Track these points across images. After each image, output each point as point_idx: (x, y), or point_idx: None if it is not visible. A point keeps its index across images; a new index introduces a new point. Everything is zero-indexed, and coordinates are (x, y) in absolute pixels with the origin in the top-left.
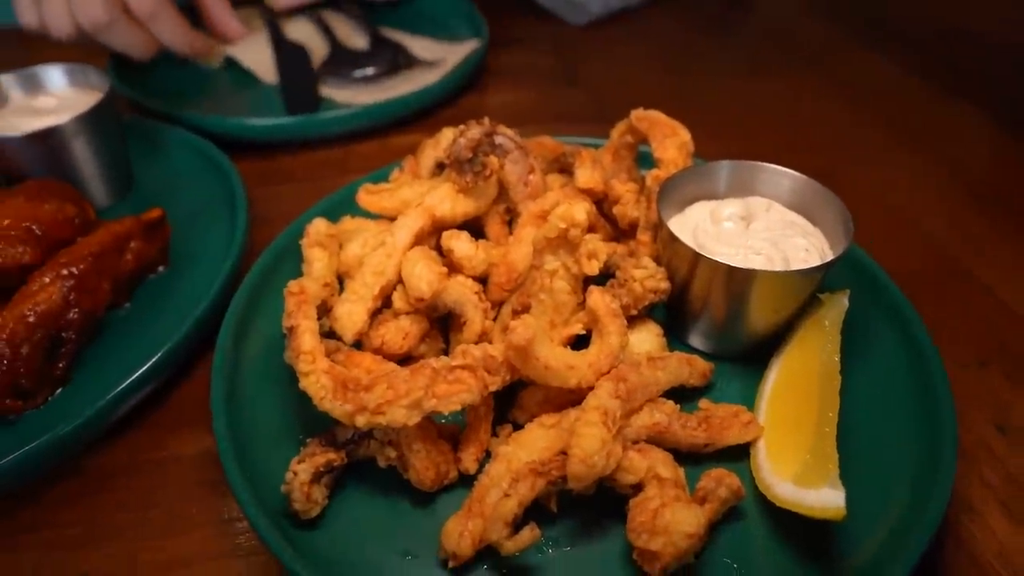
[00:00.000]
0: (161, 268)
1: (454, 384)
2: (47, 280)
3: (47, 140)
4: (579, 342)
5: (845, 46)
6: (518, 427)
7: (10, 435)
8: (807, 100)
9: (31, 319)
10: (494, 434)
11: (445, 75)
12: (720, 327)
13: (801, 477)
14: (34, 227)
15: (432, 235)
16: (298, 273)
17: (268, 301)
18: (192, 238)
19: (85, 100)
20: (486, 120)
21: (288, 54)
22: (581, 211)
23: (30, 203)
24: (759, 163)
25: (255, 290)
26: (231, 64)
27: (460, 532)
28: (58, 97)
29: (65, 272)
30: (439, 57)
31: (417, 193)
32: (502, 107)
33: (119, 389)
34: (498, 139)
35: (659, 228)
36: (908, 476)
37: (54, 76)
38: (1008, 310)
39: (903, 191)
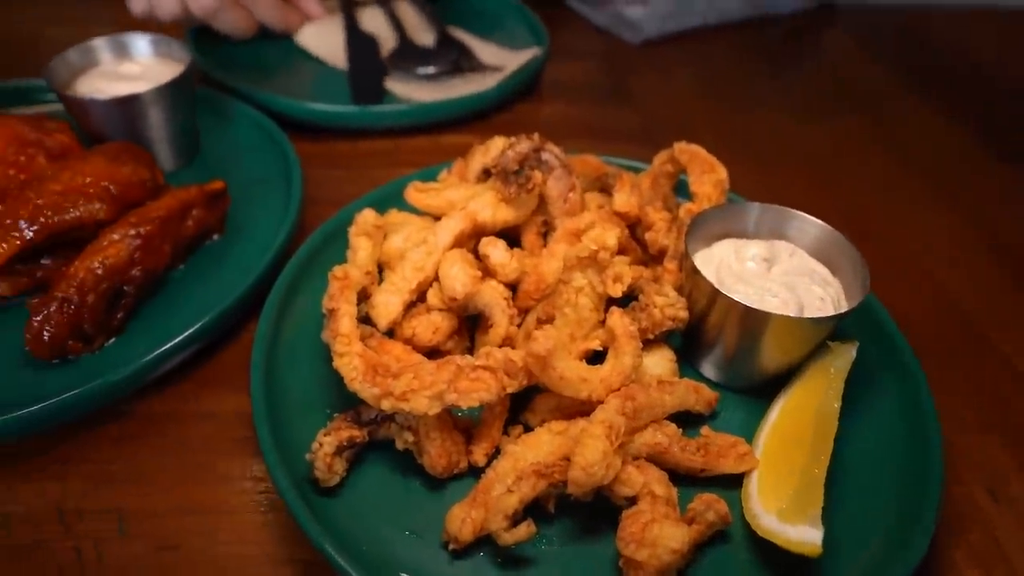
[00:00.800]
0: (216, 236)
1: (475, 382)
2: (116, 237)
3: (128, 105)
4: (595, 357)
5: (894, 92)
6: (528, 429)
7: (68, 374)
8: (850, 142)
9: (99, 271)
10: (505, 432)
11: (502, 81)
12: (730, 360)
13: (785, 512)
14: (111, 187)
15: (471, 238)
16: (342, 256)
17: (312, 280)
18: (246, 209)
19: (166, 71)
20: (536, 136)
21: (359, 44)
22: (612, 237)
23: (109, 164)
24: (789, 209)
25: (301, 268)
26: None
27: (463, 518)
28: (142, 65)
29: (133, 232)
30: (499, 63)
31: (462, 196)
32: (553, 118)
33: (167, 347)
34: (545, 155)
35: (685, 259)
36: (890, 528)
37: (141, 45)
38: (1019, 378)
39: (930, 245)
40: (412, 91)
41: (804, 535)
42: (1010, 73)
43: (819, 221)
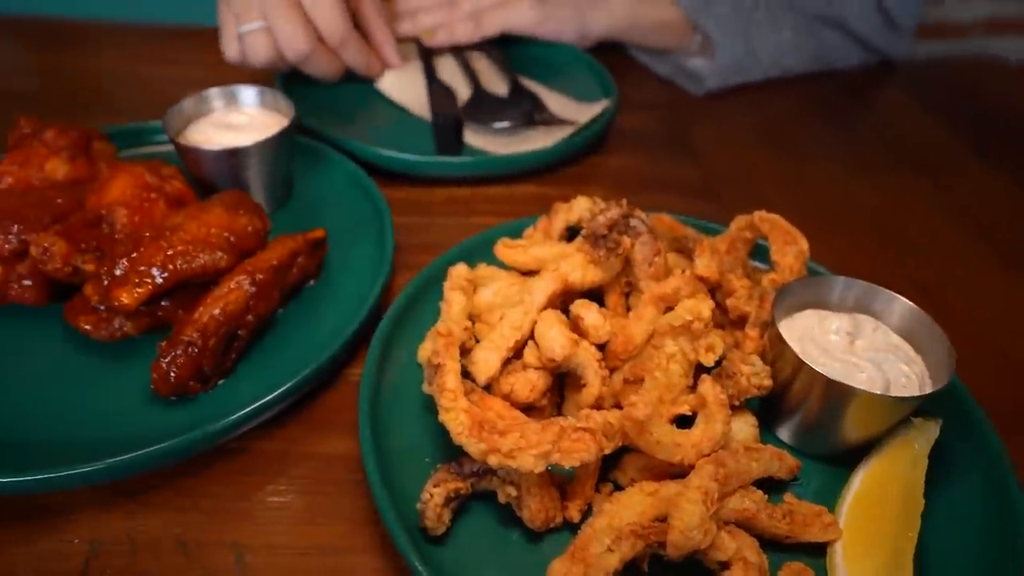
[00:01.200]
0: (313, 280)
1: (577, 443)
2: (235, 284)
3: (235, 156)
4: (680, 420)
5: (953, 151)
6: (617, 487)
7: (185, 412)
8: (912, 204)
9: (220, 317)
10: (596, 490)
11: (574, 133)
12: (811, 430)
13: None
14: (231, 237)
15: (561, 296)
16: (433, 305)
17: (406, 329)
18: (338, 254)
19: (271, 122)
20: (624, 202)
21: (439, 95)
22: (707, 308)
23: (228, 215)
24: (873, 285)
25: (398, 318)
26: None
27: (564, 573)
28: (249, 115)
29: (249, 280)
30: (568, 114)
31: (549, 253)
32: (620, 170)
33: (281, 390)
34: (633, 221)
35: (769, 327)
36: None
37: (248, 95)
38: None
39: (1004, 317)
40: (487, 142)
41: None
42: None
43: (902, 298)
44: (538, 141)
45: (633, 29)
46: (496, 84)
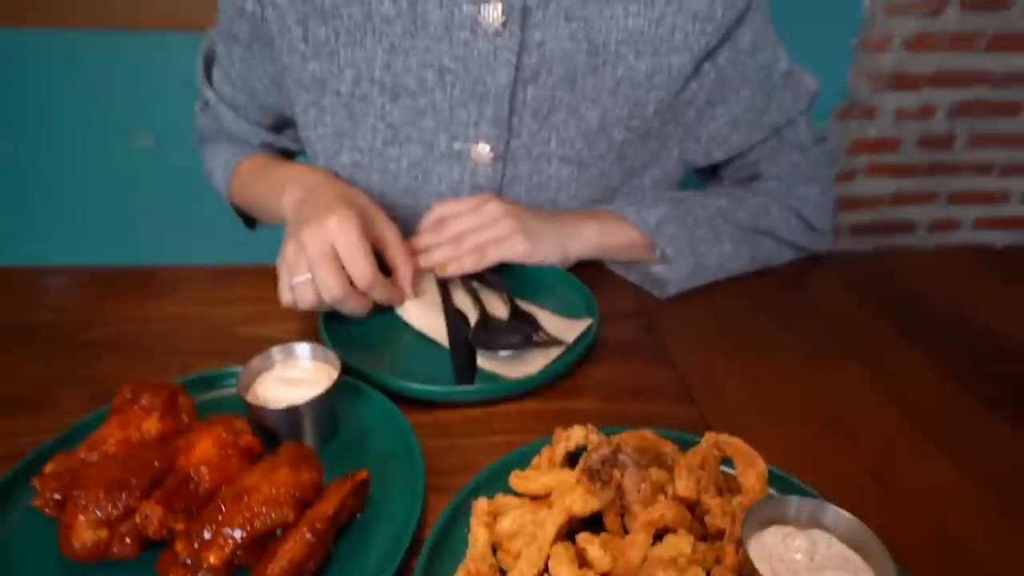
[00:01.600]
0: (359, 515)
1: None
2: (299, 537)
3: (293, 413)
4: None
5: (885, 339)
6: None
7: None
8: (856, 392)
9: (288, 567)
10: None
11: (567, 349)
12: None
13: None
14: (296, 492)
15: (568, 526)
16: (462, 532)
17: (445, 555)
18: (377, 485)
19: (322, 375)
20: (613, 440)
21: (455, 325)
22: (688, 545)
23: (292, 472)
24: (823, 502)
25: (434, 547)
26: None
27: None
28: (303, 369)
29: (311, 532)
30: (561, 333)
31: (554, 480)
32: (609, 380)
33: None
34: (620, 456)
35: (740, 546)
36: None
37: (303, 351)
38: None
39: (945, 502)
40: (496, 365)
41: None
42: (980, 313)
43: (846, 513)
44: (537, 360)
45: (604, 250)
46: (498, 307)
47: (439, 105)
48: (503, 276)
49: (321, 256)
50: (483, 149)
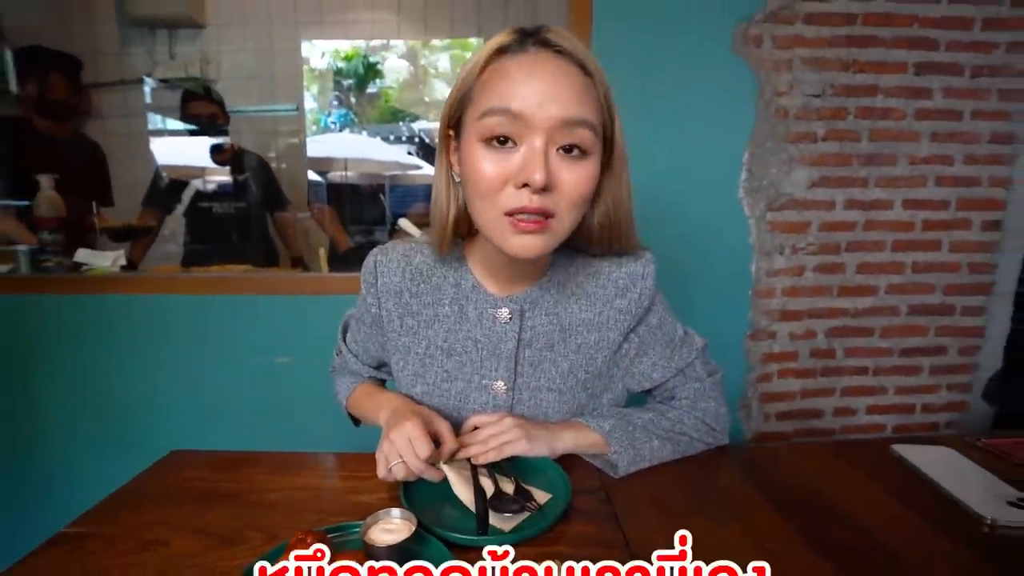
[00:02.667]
0: None
1: None
2: None
3: (390, 549)
4: None
5: (787, 535)
6: None
7: None
8: (733, 537)
9: None
10: None
11: (551, 515)
12: None
13: None
14: None
15: None
16: None
17: None
18: None
19: (403, 526)
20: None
21: (479, 496)
22: None
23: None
24: None
25: None
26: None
27: None
28: (396, 524)
29: None
30: (544, 499)
31: None
32: (580, 536)
33: None
34: None
35: None
36: None
37: (396, 512)
38: None
39: None
40: (502, 522)
41: None
42: (824, 489)
43: None
44: (532, 521)
45: (578, 447)
46: (507, 485)
47: (474, 360)
48: (513, 465)
49: (404, 446)
50: (500, 385)
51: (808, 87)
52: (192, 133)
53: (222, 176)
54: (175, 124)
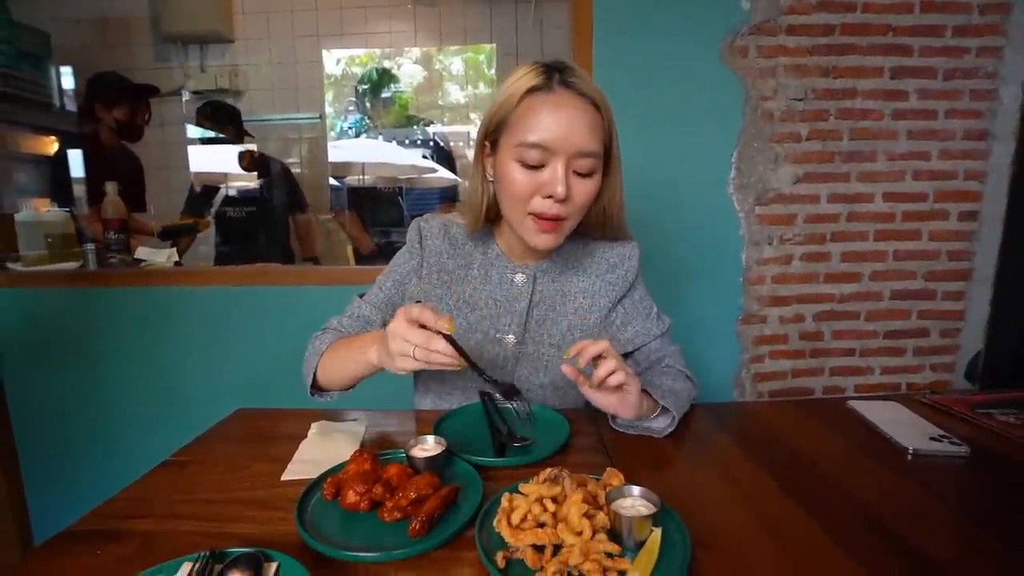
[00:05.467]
0: (456, 501)
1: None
2: (433, 501)
3: (429, 460)
4: None
5: (771, 491)
6: None
7: (419, 541)
8: (704, 470)
9: (429, 511)
10: None
11: (553, 445)
12: (627, 538)
13: None
14: (431, 483)
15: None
16: (493, 511)
17: (488, 517)
18: (462, 491)
19: (438, 447)
20: (560, 469)
21: (496, 429)
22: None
23: (430, 479)
24: (636, 487)
25: (484, 514)
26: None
27: None
28: (431, 445)
29: (438, 499)
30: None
31: (537, 486)
32: (574, 461)
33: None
34: (563, 475)
35: (607, 505)
36: None
37: (430, 439)
38: None
39: (752, 553)
40: (516, 451)
41: None
42: (794, 440)
43: (644, 488)
44: (536, 449)
45: (644, 409)
46: (522, 420)
47: (492, 315)
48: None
49: (405, 327)
50: (511, 339)
51: (791, 91)
52: (217, 141)
53: (246, 181)
54: (203, 132)
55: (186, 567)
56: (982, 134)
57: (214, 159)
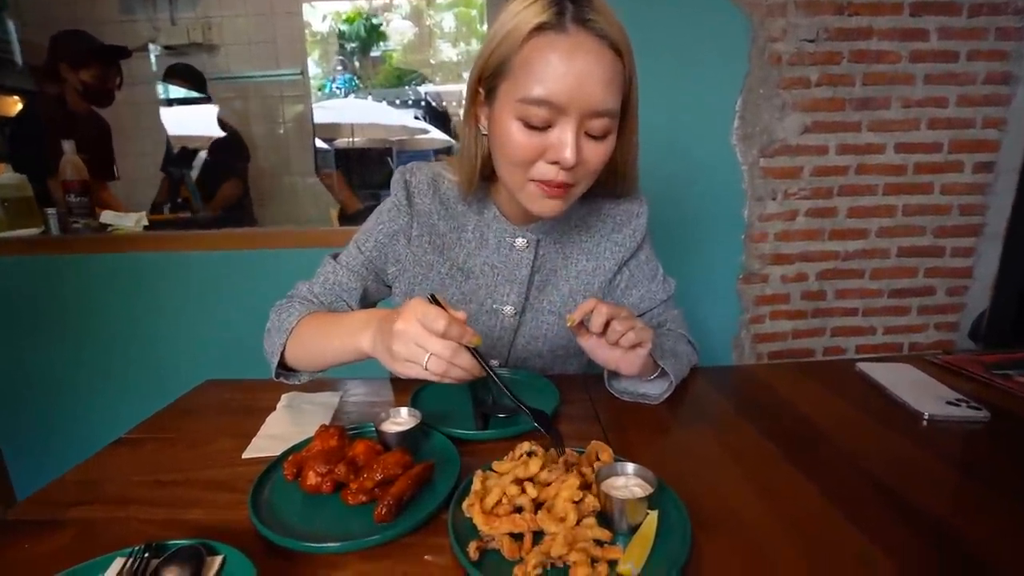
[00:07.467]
0: (429, 480)
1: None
2: (403, 482)
3: (399, 436)
4: None
5: (730, 417)
6: None
7: (382, 528)
8: (700, 437)
9: (397, 494)
10: None
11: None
12: (617, 520)
13: None
14: (401, 464)
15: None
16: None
17: (462, 498)
18: (436, 469)
19: (411, 419)
20: (549, 447)
21: (478, 400)
22: (577, 484)
23: (401, 456)
24: (630, 464)
25: (460, 495)
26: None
27: None
28: (404, 418)
29: (409, 479)
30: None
31: (511, 464)
32: (566, 430)
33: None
34: (534, 449)
35: (597, 484)
36: None
37: (404, 411)
38: None
39: (749, 523)
40: (498, 423)
41: None
42: (794, 402)
43: (639, 466)
44: (518, 421)
45: (646, 366)
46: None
47: (489, 284)
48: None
49: (421, 334)
50: (509, 309)
51: (802, 31)
52: (187, 102)
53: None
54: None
55: (118, 563)
56: (1005, 77)
57: (188, 121)
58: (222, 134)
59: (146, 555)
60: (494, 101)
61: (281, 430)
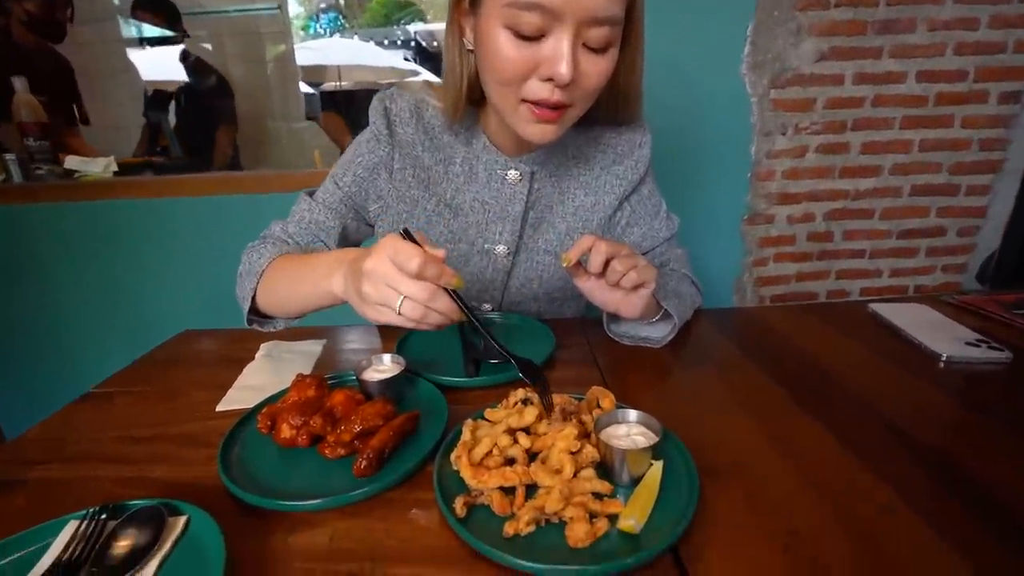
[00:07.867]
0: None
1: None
2: (384, 433)
3: (381, 384)
4: None
5: (735, 358)
6: None
7: (366, 482)
8: (707, 381)
9: (378, 447)
10: None
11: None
12: (618, 472)
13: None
14: (382, 413)
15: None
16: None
17: (448, 450)
18: (423, 421)
19: (395, 367)
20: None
21: (468, 345)
22: (576, 433)
23: (382, 406)
24: (633, 411)
25: (446, 447)
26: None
27: None
28: (387, 365)
29: (391, 430)
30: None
31: (504, 412)
32: (561, 375)
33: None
34: (529, 397)
35: (596, 432)
36: None
37: (387, 358)
38: None
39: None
40: (489, 369)
41: None
42: (803, 344)
43: (643, 413)
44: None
45: (649, 307)
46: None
47: (480, 223)
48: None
49: (393, 274)
50: (502, 249)
51: None
52: (158, 42)
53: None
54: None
55: (71, 526)
56: None
57: (163, 62)
58: (201, 77)
59: (102, 517)
60: (479, 9)
61: (259, 381)
